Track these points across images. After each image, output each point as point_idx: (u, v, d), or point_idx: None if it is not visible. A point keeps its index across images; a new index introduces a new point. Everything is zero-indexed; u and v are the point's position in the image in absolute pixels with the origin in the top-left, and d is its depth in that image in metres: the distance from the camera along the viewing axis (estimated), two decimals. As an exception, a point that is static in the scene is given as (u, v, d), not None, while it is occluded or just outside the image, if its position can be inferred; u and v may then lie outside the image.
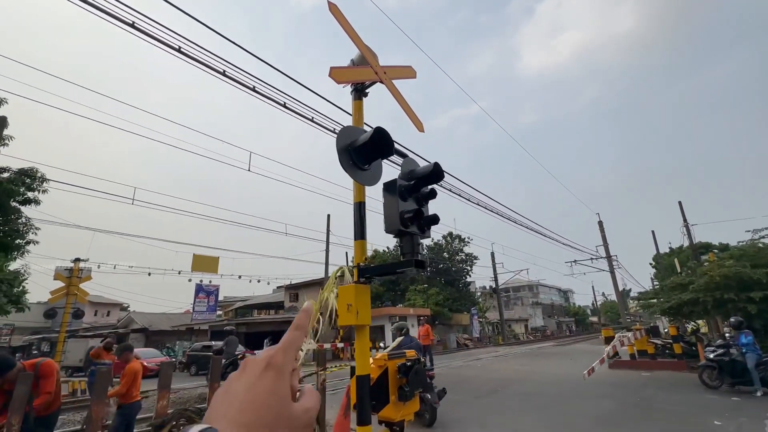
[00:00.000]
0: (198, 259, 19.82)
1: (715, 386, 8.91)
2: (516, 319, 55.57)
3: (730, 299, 10.39)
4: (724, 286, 10.70)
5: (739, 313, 9.81)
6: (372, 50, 3.84)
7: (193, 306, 30.36)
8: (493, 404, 8.25)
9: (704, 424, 6.12)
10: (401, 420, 3.09)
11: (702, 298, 11.15)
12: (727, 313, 10.67)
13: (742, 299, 10.13)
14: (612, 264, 27.13)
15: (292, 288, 33.79)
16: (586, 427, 6.22)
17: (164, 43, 4.89)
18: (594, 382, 10.62)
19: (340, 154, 2.88)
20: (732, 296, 10.34)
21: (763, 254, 11.20)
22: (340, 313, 3.03)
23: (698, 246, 23.52)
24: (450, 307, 35.57)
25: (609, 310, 72.66)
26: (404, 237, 2.99)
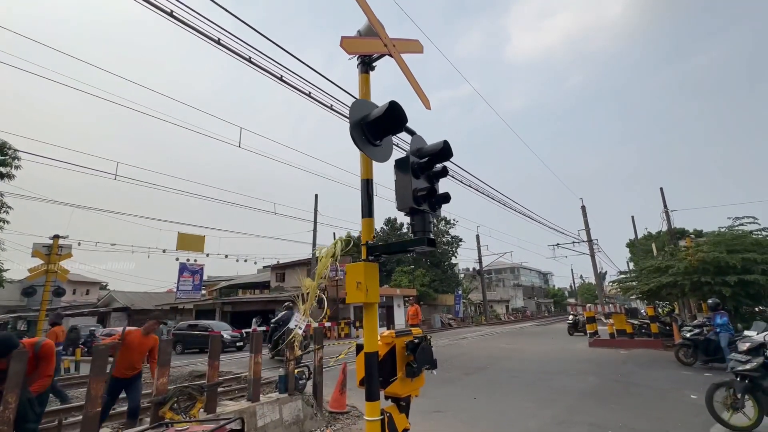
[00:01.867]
0: (183, 238, 19.43)
1: (690, 363, 9.42)
2: (498, 300, 57.13)
3: (706, 282, 10.86)
4: (701, 271, 11.16)
5: (714, 296, 10.28)
6: (380, 21, 3.68)
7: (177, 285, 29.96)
8: (482, 380, 8.52)
9: (681, 399, 6.47)
10: (407, 395, 3.12)
11: (680, 281, 11.62)
12: (703, 296, 11.18)
13: (717, 283, 10.60)
14: (593, 248, 27.93)
15: (278, 268, 33.66)
16: (572, 401, 6.49)
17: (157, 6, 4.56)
18: (576, 360, 11.07)
19: (352, 129, 2.79)
20: (708, 280, 10.81)
21: (739, 241, 11.68)
22: (348, 290, 2.99)
23: (676, 231, 24.39)
24: (435, 288, 36.20)
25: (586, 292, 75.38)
26: (416, 215, 2.95)
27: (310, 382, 5.73)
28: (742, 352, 4.69)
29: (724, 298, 10.50)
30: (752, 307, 11.56)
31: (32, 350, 3.38)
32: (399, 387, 3.13)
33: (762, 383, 4.53)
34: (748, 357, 4.59)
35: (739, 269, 10.41)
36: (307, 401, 5.25)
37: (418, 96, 3.97)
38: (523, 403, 6.50)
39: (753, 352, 4.60)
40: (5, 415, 2.78)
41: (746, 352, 4.64)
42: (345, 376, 6.24)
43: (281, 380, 5.12)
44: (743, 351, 4.68)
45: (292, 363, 5.19)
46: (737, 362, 4.67)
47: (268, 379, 8.05)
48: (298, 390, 5.25)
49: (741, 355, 4.68)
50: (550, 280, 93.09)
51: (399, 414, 3.22)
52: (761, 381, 4.52)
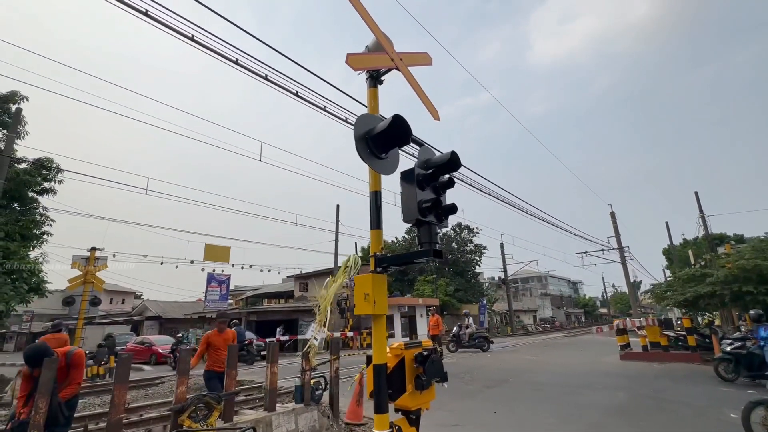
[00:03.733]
0: (210, 249, 20.09)
1: (731, 379, 8.80)
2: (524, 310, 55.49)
3: (748, 292, 10.19)
4: (742, 279, 10.49)
5: (757, 306, 9.62)
6: (387, 36, 3.76)
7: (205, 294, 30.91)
8: (504, 394, 8.28)
9: (719, 417, 6.06)
10: (417, 408, 3.10)
11: (719, 291, 10.96)
12: (745, 306, 10.48)
13: (761, 292, 9.92)
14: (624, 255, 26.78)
15: (301, 278, 34.12)
16: (598, 418, 6.20)
17: (177, 31, 4.86)
18: (605, 374, 10.58)
19: (357, 143, 2.85)
20: (750, 289, 10.14)
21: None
22: (357, 302, 3.02)
23: (713, 237, 23.05)
24: (459, 298, 35.62)
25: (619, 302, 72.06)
26: (422, 226, 2.96)
27: (327, 393, 5.76)
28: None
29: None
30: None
31: (64, 359, 3.58)
32: (409, 400, 3.11)
33: (806, 403, 4.19)
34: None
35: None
36: (323, 412, 5.27)
37: (427, 108, 4.00)
38: (545, 418, 6.27)
39: (795, 369, 4.26)
40: (36, 419, 2.96)
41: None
42: (362, 387, 6.22)
43: (297, 390, 5.18)
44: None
45: (309, 373, 5.24)
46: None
47: (286, 388, 8.14)
48: (315, 400, 5.29)
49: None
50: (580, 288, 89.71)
51: (409, 427, 3.19)
52: (805, 400, 4.18)
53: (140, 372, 15.23)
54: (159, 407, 7.44)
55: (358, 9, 3.44)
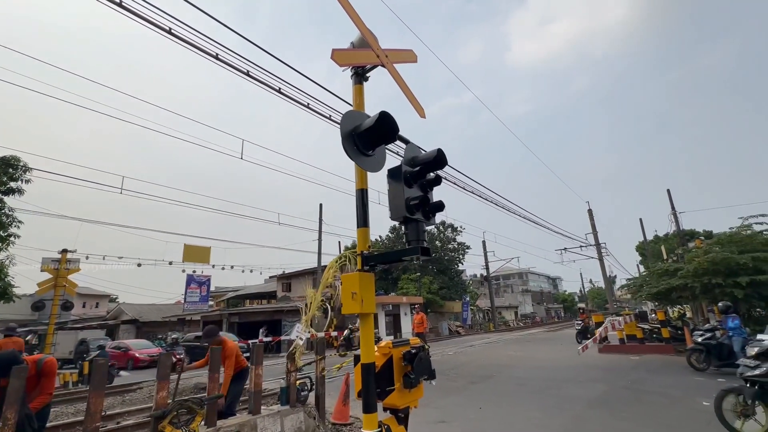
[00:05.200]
0: (189, 249, 19.58)
1: (703, 369, 9.19)
2: (506, 306, 56.51)
3: (717, 284, 10.64)
4: (712, 272, 10.95)
5: (726, 298, 10.06)
6: (372, 32, 3.73)
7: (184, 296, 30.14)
8: (489, 389, 8.39)
9: (692, 406, 6.30)
10: (406, 407, 3.08)
11: (690, 283, 11.41)
12: (715, 298, 10.94)
13: (729, 284, 10.37)
14: (601, 251, 27.58)
15: (284, 278, 33.73)
16: (580, 410, 6.36)
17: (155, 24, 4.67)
18: (585, 366, 10.87)
19: (344, 140, 2.80)
20: (719, 281, 10.59)
21: (749, 240, 11.47)
22: (344, 301, 2.98)
23: (684, 233, 24.02)
24: (442, 296, 35.95)
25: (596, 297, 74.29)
26: (410, 224, 2.95)
27: (313, 394, 5.69)
28: (750, 357, 4.57)
29: (737, 301, 10.27)
30: (765, 310, 11.28)
31: (34, 367, 3.40)
32: (397, 398, 3.10)
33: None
34: (758, 362, 4.46)
35: (751, 270, 10.19)
36: (309, 413, 5.20)
37: (412, 105, 3.99)
38: (530, 412, 6.38)
39: (762, 357, 4.47)
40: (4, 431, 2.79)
41: (755, 357, 4.52)
42: (348, 387, 6.18)
43: (283, 392, 5.10)
44: (752, 356, 4.56)
45: (294, 374, 5.17)
46: (746, 367, 4.55)
47: (271, 390, 8.02)
48: (300, 402, 5.22)
49: (750, 360, 4.56)
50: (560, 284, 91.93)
51: (398, 426, 3.17)
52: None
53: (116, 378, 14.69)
54: (138, 414, 7.20)
55: (343, 4, 3.39)
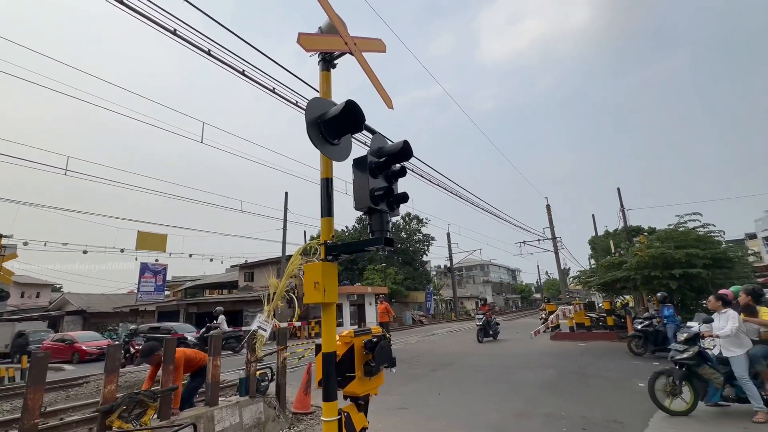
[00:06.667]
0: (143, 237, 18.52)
1: (641, 353, 10.02)
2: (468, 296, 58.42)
3: (655, 276, 11.58)
4: (651, 265, 11.89)
5: (662, 289, 10.98)
6: (341, 19, 3.66)
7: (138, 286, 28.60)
8: (448, 376, 8.69)
9: (630, 387, 6.88)
10: (366, 394, 3.14)
11: (633, 275, 12.34)
12: (653, 289, 11.91)
13: (665, 276, 11.32)
14: (556, 245, 29.13)
15: (246, 267, 32.85)
16: (532, 394, 6.75)
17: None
18: (538, 353, 11.52)
19: (309, 127, 2.76)
20: (657, 274, 11.53)
21: (684, 237, 12.54)
22: (306, 290, 2.96)
23: (631, 229, 25.86)
24: (407, 286, 36.55)
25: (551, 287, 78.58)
26: (374, 214, 2.96)
27: (274, 384, 5.64)
28: (680, 342, 5.05)
29: (671, 291, 11.24)
30: (696, 300, 12.43)
31: None
32: (357, 386, 3.13)
33: (697, 370, 4.90)
34: (686, 346, 4.94)
35: (684, 263, 11.17)
36: (269, 403, 5.16)
37: (380, 95, 3.97)
38: (486, 397, 6.69)
39: (690, 342, 4.96)
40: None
41: (684, 342, 5.00)
42: (310, 376, 6.18)
43: (242, 383, 5.01)
44: (681, 341, 5.04)
45: (254, 365, 5.08)
46: (676, 351, 5.02)
47: (231, 382, 7.85)
48: (260, 392, 5.15)
49: (679, 345, 5.04)
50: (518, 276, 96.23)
51: (357, 413, 3.22)
52: (696, 368, 4.89)
53: (60, 372, 13.78)
54: (84, 409, 6.81)
55: (311, -13, 3.29)
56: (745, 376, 4.65)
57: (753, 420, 4.59)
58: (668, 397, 5.05)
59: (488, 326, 15.28)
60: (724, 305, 5.04)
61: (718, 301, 5.07)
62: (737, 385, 4.75)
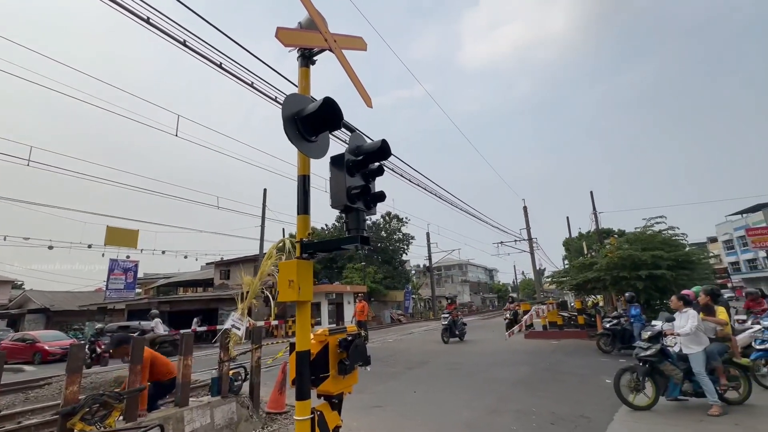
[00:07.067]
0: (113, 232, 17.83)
1: (609, 351, 10.42)
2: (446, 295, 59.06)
3: (623, 277, 12.06)
4: (620, 266, 12.37)
5: (630, 289, 11.45)
6: (321, 15, 3.62)
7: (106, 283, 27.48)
8: (423, 374, 8.78)
9: (598, 383, 7.14)
10: (340, 392, 3.13)
11: (603, 276, 12.80)
12: (621, 290, 12.38)
13: (633, 277, 11.80)
14: (532, 246, 29.87)
15: (222, 264, 32.13)
16: (504, 390, 6.91)
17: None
18: (512, 351, 11.79)
19: (285, 123, 2.72)
20: (625, 275, 12.01)
21: (651, 239, 13.11)
22: (280, 288, 2.93)
23: (602, 231, 26.83)
24: (386, 285, 36.63)
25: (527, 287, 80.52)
26: (350, 213, 2.95)
27: (247, 384, 5.55)
28: (644, 340, 5.29)
29: (638, 291, 11.73)
30: (660, 300, 13.02)
31: None
32: (331, 385, 3.12)
33: (659, 367, 5.15)
34: (649, 344, 5.18)
35: (650, 265, 11.67)
36: (242, 403, 5.07)
37: (359, 93, 3.96)
38: (459, 394, 6.80)
39: (653, 340, 5.20)
40: None
41: (647, 340, 5.23)
42: (285, 375, 6.11)
43: (214, 382, 4.90)
44: (645, 339, 5.27)
45: (227, 364, 4.98)
46: (640, 349, 5.26)
47: (204, 381, 7.68)
48: (233, 392, 5.06)
49: (643, 343, 5.27)
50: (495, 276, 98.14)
51: (331, 412, 3.21)
52: (659, 365, 5.13)
53: (20, 373, 13.09)
54: (44, 411, 6.49)
55: (291, -19, 3.25)
56: (703, 372, 4.92)
57: (708, 413, 4.86)
58: (632, 392, 5.27)
59: (454, 326, 14.79)
60: (685, 305, 5.31)
61: (680, 301, 5.34)
62: (695, 380, 5.02)
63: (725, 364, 5.19)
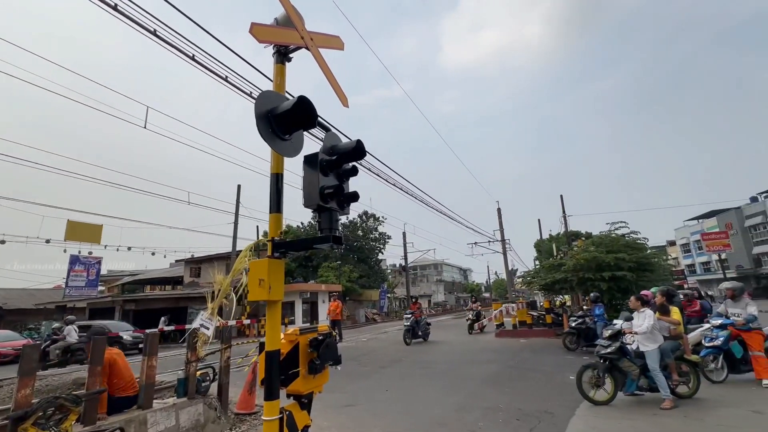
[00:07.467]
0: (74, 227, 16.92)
1: (574, 349, 10.85)
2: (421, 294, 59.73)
3: (589, 278, 12.58)
4: (586, 268, 12.90)
5: (594, 290, 11.96)
6: (298, 12, 3.59)
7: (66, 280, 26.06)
8: (396, 373, 8.85)
9: (563, 380, 7.43)
10: (309, 392, 3.13)
11: (569, 277, 13.31)
12: (587, 290, 12.93)
13: (597, 278, 12.34)
14: (505, 247, 30.65)
15: (193, 262, 31.17)
16: (474, 388, 7.07)
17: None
18: (482, 350, 12.07)
19: (258, 121, 2.69)
20: (590, 276, 12.54)
21: (614, 242, 13.74)
22: (250, 287, 2.89)
23: (572, 234, 27.86)
24: (361, 284, 36.59)
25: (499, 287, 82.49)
26: (323, 212, 2.95)
27: (216, 384, 5.43)
28: (605, 338, 5.56)
29: (602, 292, 12.27)
30: (622, 300, 13.67)
31: None
32: (301, 384, 3.11)
33: (618, 364, 5.42)
34: (609, 342, 5.45)
35: (613, 266, 12.24)
36: (209, 404, 4.95)
37: (335, 92, 3.95)
38: (430, 392, 6.91)
39: (613, 338, 5.47)
40: None
41: (608, 338, 5.51)
42: (255, 375, 6.01)
43: (180, 383, 4.77)
44: (606, 337, 5.55)
45: (194, 365, 4.86)
46: (601, 347, 5.52)
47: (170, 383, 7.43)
48: (201, 393, 4.94)
49: (604, 341, 5.54)
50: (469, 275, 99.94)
51: (300, 411, 3.20)
52: (617, 362, 5.41)
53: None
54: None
55: (267, -24, 3.21)
56: (657, 369, 5.22)
57: (660, 407, 5.17)
58: (593, 388, 5.53)
59: (417, 326, 14.37)
60: (643, 305, 5.62)
61: (638, 301, 5.64)
62: (650, 376, 5.32)
63: (677, 360, 5.54)
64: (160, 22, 5.06)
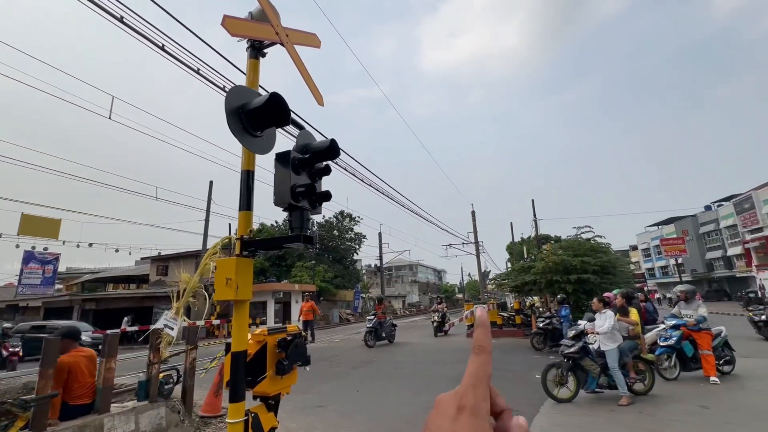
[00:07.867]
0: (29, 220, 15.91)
1: (541, 349, 11.21)
2: (396, 295, 60.00)
3: (556, 281, 13.04)
4: (554, 270, 13.36)
5: (561, 292, 12.41)
6: (274, 7, 3.54)
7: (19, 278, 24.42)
8: (367, 373, 8.85)
9: (529, 379, 7.66)
10: (277, 393, 3.08)
11: (538, 279, 13.74)
12: (554, 292, 13.38)
13: (564, 281, 12.80)
14: (478, 249, 31.27)
15: (160, 260, 29.98)
16: (444, 387, 6.99)
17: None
18: (453, 350, 12.26)
19: (228, 116, 2.63)
20: (558, 278, 12.99)
21: (581, 246, 14.31)
22: (217, 286, 2.82)
23: (542, 237, 28.77)
24: (336, 284, 36.34)
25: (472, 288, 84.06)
26: (294, 211, 2.91)
27: (180, 386, 5.24)
28: (569, 338, 5.78)
29: (568, 294, 12.75)
30: (587, 301, 14.25)
31: None
32: (268, 386, 3.06)
33: (581, 362, 5.65)
34: (573, 342, 5.67)
35: (579, 269, 12.74)
36: (172, 407, 4.78)
37: (311, 90, 3.91)
38: (401, 392, 6.95)
39: (576, 338, 5.70)
40: None
41: (571, 338, 5.73)
42: (222, 377, 5.86)
43: (141, 386, 4.58)
44: (569, 337, 5.77)
45: (156, 366, 4.67)
46: (565, 346, 5.74)
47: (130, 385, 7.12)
48: (164, 395, 4.76)
49: (568, 341, 5.76)
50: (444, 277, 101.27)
51: (267, 413, 3.14)
52: (580, 361, 5.64)
53: None
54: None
55: (242, -31, 3.14)
56: (616, 367, 5.48)
57: (618, 404, 5.43)
58: (557, 386, 5.74)
59: (381, 328, 13.83)
60: (604, 306, 5.88)
61: (600, 303, 5.90)
62: (610, 374, 5.58)
63: (634, 359, 5.84)
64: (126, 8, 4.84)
